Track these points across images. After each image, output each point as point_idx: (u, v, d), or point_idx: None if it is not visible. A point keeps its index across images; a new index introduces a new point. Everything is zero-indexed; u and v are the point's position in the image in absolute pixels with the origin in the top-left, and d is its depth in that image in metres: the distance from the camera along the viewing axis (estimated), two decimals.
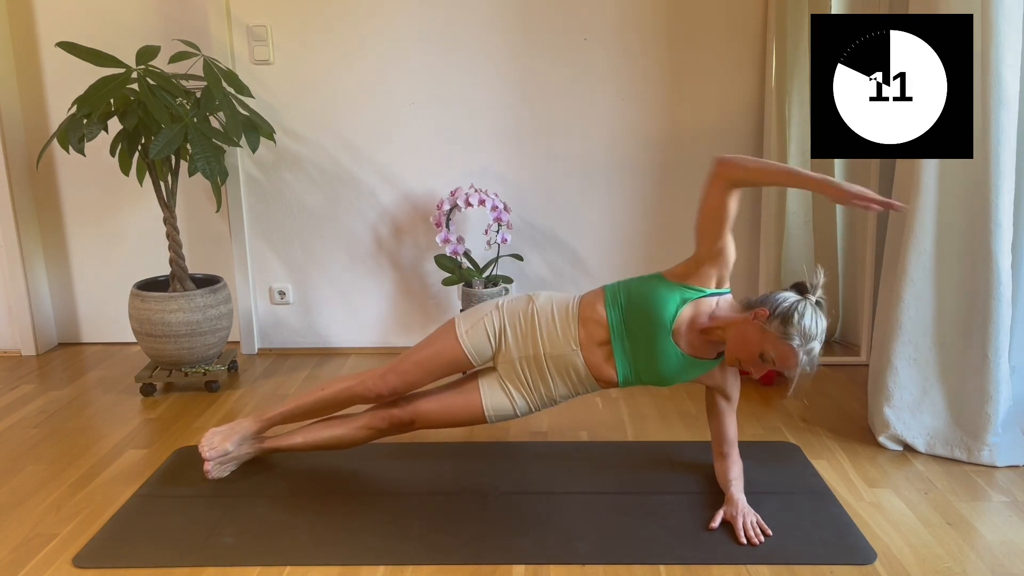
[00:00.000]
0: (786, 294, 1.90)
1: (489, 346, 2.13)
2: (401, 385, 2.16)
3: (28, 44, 3.19)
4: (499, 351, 2.13)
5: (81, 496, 2.19)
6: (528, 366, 2.11)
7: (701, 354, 2.03)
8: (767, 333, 1.86)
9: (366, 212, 3.25)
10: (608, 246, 3.25)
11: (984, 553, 1.87)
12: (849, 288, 3.24)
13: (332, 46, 3.10)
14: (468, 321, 2.16)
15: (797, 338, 1.83)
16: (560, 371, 2.10)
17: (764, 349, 1.87)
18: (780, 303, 1.87)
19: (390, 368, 2.17)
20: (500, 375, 2.15)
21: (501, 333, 2.12)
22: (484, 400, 2.14)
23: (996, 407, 2.25)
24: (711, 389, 2.17)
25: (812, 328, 1.84)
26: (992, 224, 2.20)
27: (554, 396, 2.15)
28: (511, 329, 2.12)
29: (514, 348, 2.11)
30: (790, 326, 1.83)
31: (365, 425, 2.22)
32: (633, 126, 3.14)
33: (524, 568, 1.83)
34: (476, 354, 2.13)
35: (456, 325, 2.15)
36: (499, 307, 2.16)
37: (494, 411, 2.15)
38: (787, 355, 1.85)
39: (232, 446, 2.23)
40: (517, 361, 2.11)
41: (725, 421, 2.16)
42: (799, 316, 1.83)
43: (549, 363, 2.10)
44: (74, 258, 3.41)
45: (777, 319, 1.85)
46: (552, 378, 2.11)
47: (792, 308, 1.85)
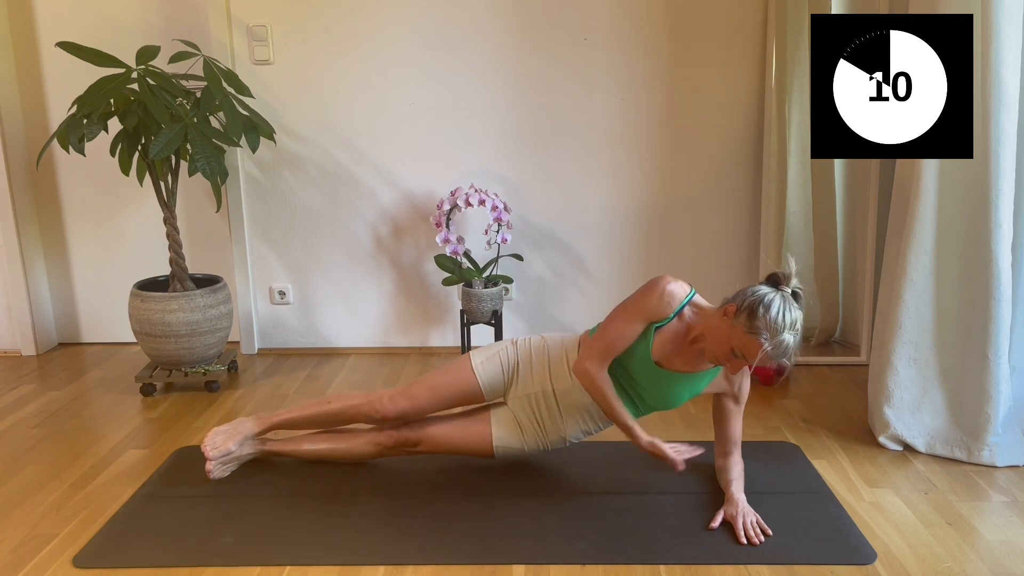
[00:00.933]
0: (759, 287, 1.88)
1: (502, 379, 2.15)
2: (410, 410, 2.17)
3: (28, 44, 3.19)
4: (511, 386, 2.16)
5: (81, 496, 2.19)
6: (538, 403, 2.13)
7: (699, 367, 2.04)
8: (734, 328, 1.85)
9: (366, 212, 3.25)
10: (608, 246, 3.25)
11: (984, 553, 1.87)
12: (849, 288, 3.24)
13: (332, 46, 3.10)
14: (484, 354, 2.19)
15: (764, 332, 1.80)
16: (569, 409, 2.12)
17: (732, 344, 1.86)
18: (747, 298, 1.85)
19: (400, 391, 2.18)
20: (512, 409, 2.16)
21: (514, 368, 2.15)
22: (493, 432, 2.16)
23: (996, 407, 2.25)
24: (719, 394, 2.16)
25: (780, 320, 1.80)
26: (992, 224, 2.19)
27: (564, 435, 2.17)
28: (524, 365, 2.15)
29: (526, 384, 2.14)
30: (755, 319, 1.81)
31: (371, 441, 2.23)
32: (633, 126, 3.14)
33: (524, 568, 1.83)
34: (488, 386, 2.15)
35: (472, 357, 2.18)
36: (514, 343, 2.20)
37: (501, 444, 2.17)
38: (750, 347, 1.83)
39: (235, 446, 2.23)
40: (528, 397, 2.14)
41: (731, 423, 2.16)
42: (764, 309, 1.81)
43: (559, 400, 2.12)
44: (74, 258, 3.41)
45: (744, 313, 1.83)
46: (563, 416, 2.13)
47: (758, 301, 1.82)
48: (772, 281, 1.89)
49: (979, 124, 2.16)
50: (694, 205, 3.21)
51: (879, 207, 2.94)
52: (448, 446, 2.20)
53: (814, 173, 3.12)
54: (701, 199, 3.20)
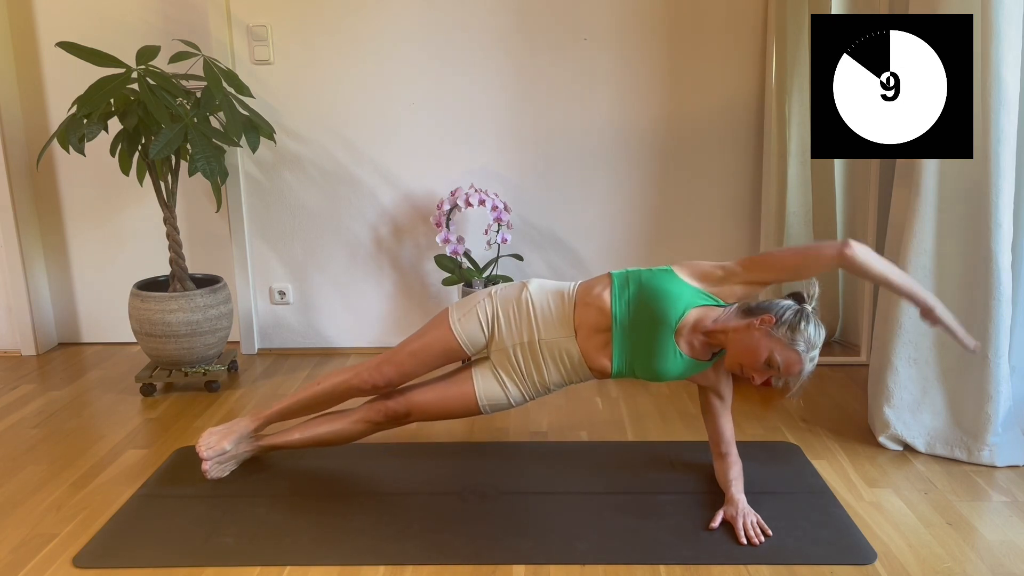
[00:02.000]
0: (786, 302, 1.94)
1: (482, 334, 2.13)
2: (396, 375, 2.16)
3: (28, 44, 3.19)
4: (492, 339, 2.13)
5: (81, 496, 2.19)
6: (522, 352, 2.11)
7: (698, 355, 2.04)
8: (774, 339, 1.87)
9: (366, 212, 3.25)
10: (608, 246, 3.25)
11: (984, 553, 1.87)
12: (849, 288, 3.24)
13: (332, 46, 3.10)
14: (461, 310, 2.16)
15: (803, 344, 1.86)
16: (554, 357, 2.09)
17: (771, 355, 1.88)
18: (784, 311, 1.90)
19: (385, 359, 2.17)
20: (493, 363, 2.14)
21: (494, 320, 2.12)
22: (477, 389, 2.14)
23: (996, 407, 2.25)
24: (704, 388, 2.17)
25: (815, 336, 1.88)
26: (992, 224, 2.19)
27: (547, 384, 2.14)
28: (504, 316, 2.11)
29: (507, 335, 2.11)
30: (797, 332, 1.86)
31: (361, 419, 2.22)
32: (633, 126, 3.14)
33: (524, 568, 1.83)
34: (469, 342, 2.13)
35: (450, 314, 2.15)
36: (492, 295, 2.16)
37: (487, 400, 2.15)
38: (793, 361, 1.87)
39: (230, 445, 2.23)
40: (510, 348, 2.11)
41: (720, 420, 2.16)
42: (805, 323, 1.87)
43: (543, 349, 2.09)
44: (74, 258, 3.41)
45: (784, 326, 1.87)
46: (546, 364, 2.10)
47: (798, 316, 1.88)
48: (797, 298, 1.95)
49: (979, 124, 2.16)
50: (694, 205, 3.21)
51: (879, 207, 2.95)
52: (437, 411, 2.18)
53: (814, 173, 3.12)
54: (701, 199, 3.20)
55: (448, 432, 2.55)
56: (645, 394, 2.87)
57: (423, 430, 2.55)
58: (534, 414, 2.70)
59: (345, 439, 2.26)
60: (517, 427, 2.60)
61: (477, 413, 2.18)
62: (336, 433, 2.24)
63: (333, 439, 2.26)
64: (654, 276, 2.04)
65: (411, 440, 2.49)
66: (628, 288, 2.04)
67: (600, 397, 2.85)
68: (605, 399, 2.83)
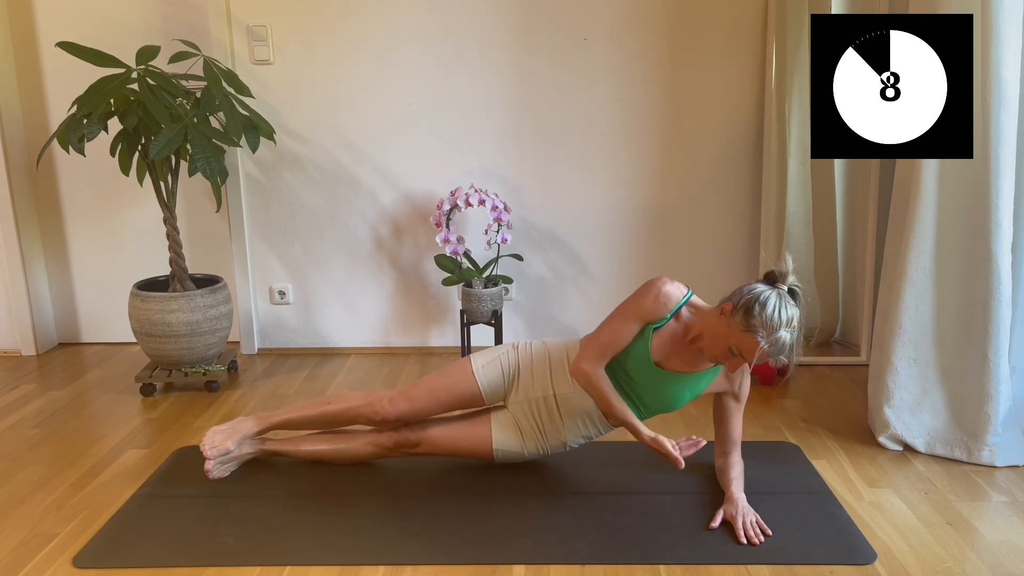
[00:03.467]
0: (755, 285, 1.89)
1: (502, 383, 2.15)
2: (409, 412, 2.17)
3: (28, 44, 3.19)
4: (512, 390, 2.16)
5: (81, 496, 2.19)
6: (539, 407, 2.13)
7: (698, 367, 2.04)
8: (731, 326, 1.85)
9: (366, 212, 3.25)
10: (608, 246, 3.25)
11: (984, 553, 1.87)
12: (849, 288, 3.24)
13: (332, 46, 3.10)
14: (485, 357, 2.19)
15: (760, 329, 1.81)
16: (570, 414, 2.12)
17: (730, 342, 1.87)
18: (745, 296, 1.86)
19: (400, 393, 2.18)
20: (512, 413, 2.16)
21: (515, 372, 2.15)
22: (493, 434, 2.16)
23: (996, 407, 2.25)
24: (721, 394, 2.17)
25: (776, 317, 1.81)
26: (992, 224, 2.19)
27: (565, 440, 2.17)
28: (525, 369, 2.15)
29: (527, 388, 2.14)
30: (751, 317, 1.82)
31: (371, 442, 2.23)
32: (633, 126, 3.14)
33: (524, 568, 1.83)
34: (488, 390, 2.15)
35: (472, 360, 2.18)
36: (516, 347, 2.20)
37: (501, 447, 2.17)
38: (747, 346, 1.84)
39: (233, 445, 2.23)
40: (529, 401, 2.14)
41: (731, 421, 2.16)
42: (760, 307, 1.82)
43: (560, 405, 2.12)
44: (74, 258, 3.41)
45: (740, 311, 1.84)
46: (564, 420, 2.13)
47: (754, 299, 1.83)
48: (769, 279, 1.90)
49: (979, 124, 2.16)
50: (694, 205, 3.21)
51: (879, 207, 2.95)
52: (448, 448, 2.20)
53: (814, 173, 3.12)
54: (701, 199, 3.20)
55: None
56: None
57: None
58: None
59: (351, 459, 2.27)
60: None
61: (488, 459, 2.20)
62: (344, 452, 2.26)
63: (339, 457, 2.27)
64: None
65: None
66: None
67: None
68: None
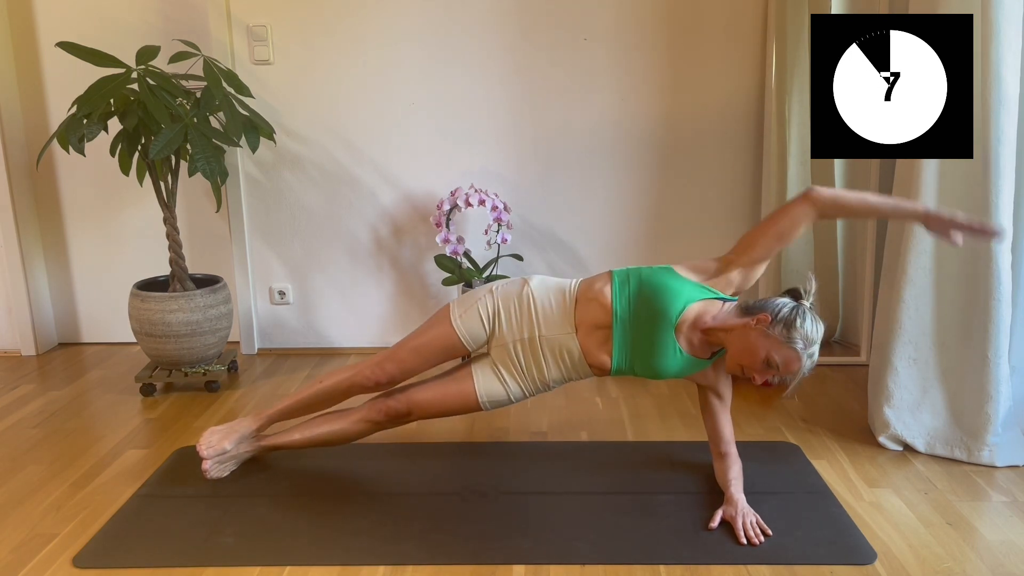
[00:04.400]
0: (783, 300, 1.93)
1: (483, 330, 2.13)
2: (398, 372, 2.16)
3: (28, 44, 3.19)
4: (493, 335, 2.13)
5: (81, 496, 2.19)
6: (522, 349, 2.11)
7: (698, 353, 2.04)
8: (771, 338, 1.87)
9: (366, 212, 3.25)
10: (608, 246, 3.25)
11: (984, 553, 1.87)
12: (849, 288, 3.24)
13: (332, 46, 3.10)
14: (462, 306, 2.16)
15: (800, 342, 1.85)
16: (554, 353, 2.10)
17: (769, 354, 1.87)
18: (781, 308, 1.89)
19: (386, 356, 2.17)
20: (493, 359, 2.14)
21: (495, 317, 2.12)
22: (477, 386, 2.14)
23: (996, 407, 2.25)
24: (703, 388, 2.17)
25: (813, 332, 1.87)
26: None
27: (547, 380, 2.14)
28: (505, 312, 2.12)
29: (508, 331, 2.11)
30: (794, 330, 1.85)
31: (362, 418, 2.22)
32: (633, 126, 3.14)
33: (524, 568, 1.83)
34: (470, 338, 2.13)
35: (451, 310, 2.16)
36: (493, 291, 2.16)
37: (487, 397, 2.15)
38: (791, 359, 1.86)
39: (230, 445, 2.23)
40: (511, 344, 2.11)
41: (719, 420, 2.16)
42: (801, 320, 1.86)
43: (543, 345, 2.09)
44: (74, 258, 3.41)
45: (780, 324, 1.87)
46: (546, 361, 2.11)
47: (794, 313, 1.88)
48: (793, 295, 1.94)
49: (979, 124, 2.16)
50: (694, 205, 3.21)
51: None
52: (438, 409, 2.18)
53: (814, 173, 3.12)
54: (701, 199, 3.20)
55: (448, 432, 2.55)
56: (645, 394, 2.87)
57: (423, 430, 2.55)
58: (534, 414, 2.70)
59: (346, 439, 2.26)
60: (517, 427, 2.60)
61: (477, 409, 2.18)
62: (337, 433, 2.24)
63: (334, 439, 2.26)
64: (654, 273, 2.05)
65: (411, 440, 2.49)
66: (629, 284, 2.04)
67: (600, 397, 2.85)
68: (605, 399, 2.83)
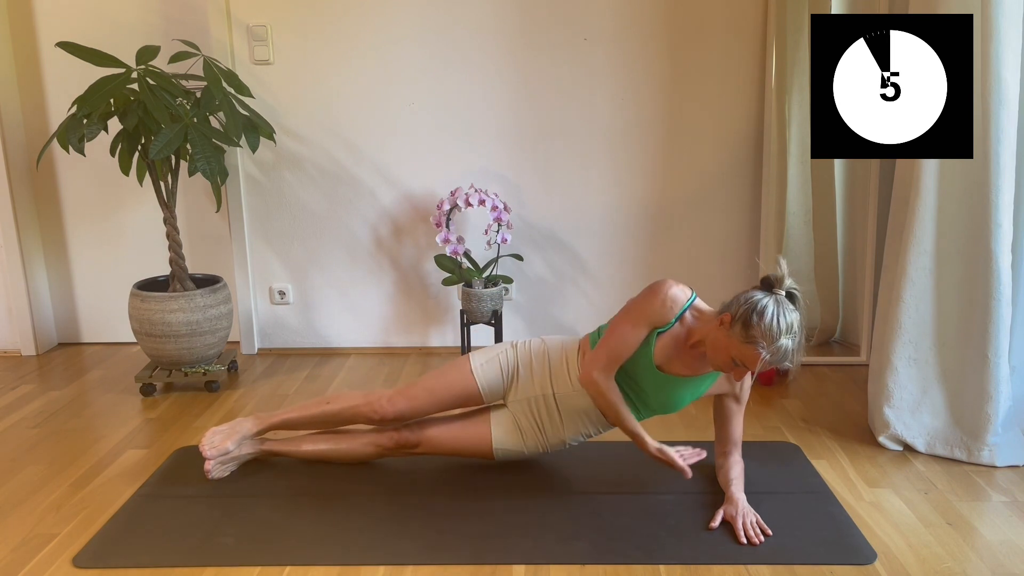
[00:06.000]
0: (752, 293, 1.86)
1: (501, 382, 2.15)
2: (408, 410, 2.17)
3: (28, 44, 3.19)
4: (511, 389, 2.16)
5: (81, 496, 2.19)
6: (538, 406, 2.13)
7: (700, 370, 2.03)
8: (731, 337, 1.84)
9: (366, 212, 3.25)
10: (608, 246, 3.25)
11: (984, 553, 1.87)
12: (849, 288, 3.24)
13: (332, 46, 3.10)
14: (483, 356, 2.19)
15: (761, 340, 1.80)
16: (569, 413, 2.12)
17: (731, 353, 1.86)
18: (741, 306, 1.84)
19: (399, 392, 2.18)
20: (512, 412, 2.16)
21: (514, 371, 2.15)
22: (493, 433, 2.16)
23: (996, 407, 2.25)
24: (721, 395, 2.16)
25: (775, 326, 1.79)
26: (992, 224, 2.19)
27: (564, 438, 2.17)
28: (524, 368, 2.15)
29: (526, 387, 2.14)
30: (750, 328, 1.81)
31: (371, 442, 2.23)
32: (633, 126, 3.14)
33: (524, 568, 1.83)
34: (487, 388, 2.15)
35: (471, 359, 2.18)
36: (514, 346, 2.20)
37: (501, 446, 2.17)
38: (749, 357, 1.83)
39: (233, 445, 2.23)
40: (528, 400, 2.14)
41: (732, 422, 2.16)
42: (758, 317, 1.80)
43: (559, 404, 2.12)
44: (74, 258, 3.41)
45: (738, 323, 1.83)
46: (562, 419, 2.13)
47: (751, 310, 1.81)
48: (765, 285, 1.88)
49: (979, 124, 2.16)
50: (694, 205, 3.21)
51: (879, 207, 2.94)
52: (448, 447, 2.20)
53: (814, 173, 3.12)
54: (701, 199, 3.20)
55: None
56: None
57: None
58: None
59: (352, 459, 2.27)
60: None
61: (489, 457, 2.20)
62: (344, 452, 2.26)
63: (338, 457, 2.27)
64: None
65: None
66: None
67: None
68: None
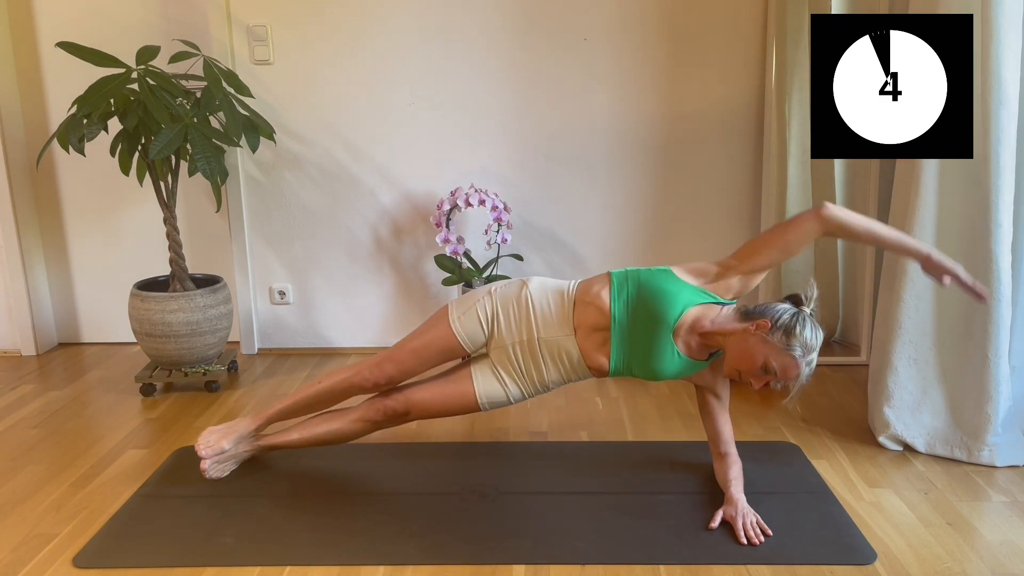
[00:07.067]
0: (783, 306, 1.92)
1: (482, 332, 2.13)
2: (397, 373, 2.16)
3: (28, 44, 3.19)
4: (492, 337, 2.13)
5: (81, 496, 2.19)
6: (521, 351, 2.11)
7: (695, 355, 2.03)
8: (770, 344, 1.86)
9: (366, 212, 3.25)
10: (608, 246, 3.25)
11: (984, 553, 1.87)
12: (849, 288, 3.24)
13: (332, 46, 3.10)
14: (461, 307, 2.16)
15: (799, 349, 1.84)
16: (553, 355, 2.10)
17: (767, 360, 1.87)
18: (781, 315, 1.88)
19: (385, 356, 2.17)
20: (492, 361, 2.14)
21: (494, 318, 2.12)
22: (476, 387, 2.14)
23: (996, 407, 2.25)
24: (701, 388, 2.17)
25: (812, 340, 1.86)
26: (992, 224, 2.19)
27: (546, 382, 2.14)
28: (504, 314, 2.12)
29: (507, 333, 2.11)
30: (793, 337, 1.85)
31: (360, 418, 2.22)
32: (633, 126, 3.14)
33: (524, 568, 1.83)
34: (469, 340, 2.13)
35: (449, 312, 2.16)
36: (492, 293, 2.16)
37: (487, 398, 2.15)
38: (790, 366, 1.86)
39: (228, 444, 2.23)
40: (510, 346, 2.11)
41: (718, 420, 2.16)
42: (801, 327, 1.85)
43: (542, 347, 2.09)
44: (74, 258, 3.41)
45: (780, 331, 1.86)
46: (544, 363, 2.11)
47: (794, 320, 1.87)
48: (794, 301, 1.93)
49: (979, 124, 2.16)
50: (694, 205, 3.21)
51: (879, 207, 2.94)
52: (437, 409, 2.18)
53: (814, 173, 3.12)
54: (701, 199, 3.20)
55: (448, 432, 2.55)
56: (645, 394, 2.87)
57: (423, 430, 2.55)
58: (534, 414, 2.70)
59: (344, 438, 2.26)
60: (517, 427, 2.60)
61: (476, 410, 2.18)
62: (335, 432, 2.24)
63: (332, 438, 2.26)
64: (653, 276, 2.04)
65: (411, 440, 2.49)
66: (627, 287, 2.04)
67: (600, 397, 2.85)
68: (605, 399, 2.83)
